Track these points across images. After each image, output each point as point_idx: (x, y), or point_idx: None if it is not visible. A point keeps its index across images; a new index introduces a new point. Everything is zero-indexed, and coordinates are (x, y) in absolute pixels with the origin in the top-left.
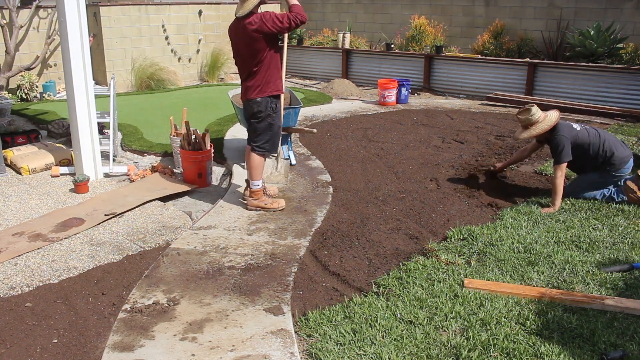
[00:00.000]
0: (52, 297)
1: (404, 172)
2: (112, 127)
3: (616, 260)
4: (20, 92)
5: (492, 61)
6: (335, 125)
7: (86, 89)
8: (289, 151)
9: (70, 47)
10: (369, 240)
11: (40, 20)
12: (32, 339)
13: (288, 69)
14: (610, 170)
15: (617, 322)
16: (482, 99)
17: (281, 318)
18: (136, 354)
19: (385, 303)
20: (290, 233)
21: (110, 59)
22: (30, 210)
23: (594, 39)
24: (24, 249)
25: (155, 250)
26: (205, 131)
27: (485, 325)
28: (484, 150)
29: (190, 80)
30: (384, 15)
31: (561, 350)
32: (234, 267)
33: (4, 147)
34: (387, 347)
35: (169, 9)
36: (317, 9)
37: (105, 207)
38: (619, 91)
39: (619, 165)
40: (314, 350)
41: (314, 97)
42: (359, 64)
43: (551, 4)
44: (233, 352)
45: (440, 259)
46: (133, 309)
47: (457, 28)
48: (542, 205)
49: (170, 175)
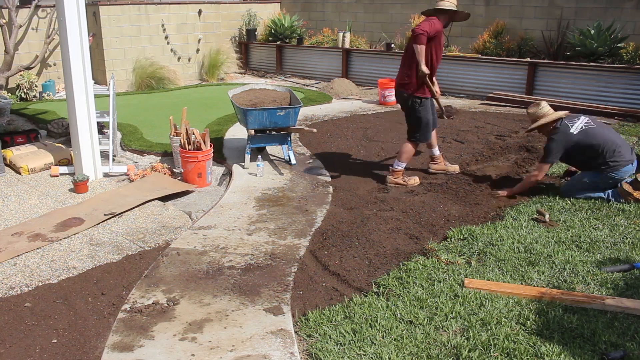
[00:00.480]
0: (51, 297)
1: (404, 172)
2: (111, 126)
3: (617, 260)
4: (19, 91)
5: (493, 61)
6: (335, 125)
7: (86, 89)
8: (289, 151)
9: (69, 47)
10: (369, 240)
11: (40, 20)
12: (31, 339)
13: (288, 69)
14: (609, 171)
15: (617, 322)
16: (482, 99)
17: (281, 318)
18: (136, 354)
19: (385, 303)
20: (290, 233)
21: (110, 59)
22: (30, 210)
23: (595, 39)
24: (24, 249)
25: (155, 250)
26: (205, 131)
27: (486, 325)
28: (484, 150)
29: (190, 80)
30: (384, 14)
31: (562, 350)
32: (233, 267)
33: (3, 146)
34: (387, 347)
35: (169, 8)
36: (317, 8)
37: (105, 207)
38: (620, 91)
39: (618, 167)
40: (314, 350)
41: (314, 96)
42: (359, 63)
43: (551, 3)
44: (233, 352)
45: (441, 259)
46: (133, 309)
47: (457, 28)
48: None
49: (170, 175)
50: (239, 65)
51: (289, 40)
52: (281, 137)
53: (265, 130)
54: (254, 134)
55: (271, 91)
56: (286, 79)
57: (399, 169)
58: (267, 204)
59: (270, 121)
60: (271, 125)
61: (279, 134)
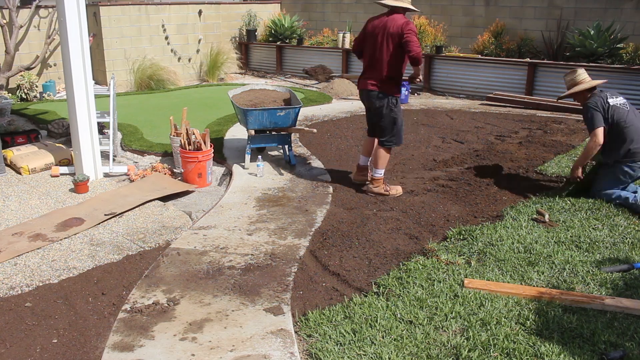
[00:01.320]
0: (52, 297)
1: (404, 172)
2: (112, 126)
3: (616, 260)
4: (20, 91)
5: (492, 61)
6: (335, 125)
7: (86, 89)
8: (289, 151)
9: (70, 47)
10: (369, 240)
11: (40, 20)
12: (32, 339)
13: (288, 69)
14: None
15: (617, 322)
16: (482, 99)
17: (281, 318)
18: (136, 354)
19: (385, 303)
20: (290, 233)
21: (110, 59)
22: (30, 210)
23: (594, 39)
24: (24, 249)
25: (155, 250)
26: (205, 131)
27: (486, 325)
28: (484, 150)
29: (190, 80)
30: None
31: (561, 350)
32: (234, 267)
33: (3, 146)
34: (387, 347)
35: (169, 8)
36: (317, 9)
37: (105, 207)
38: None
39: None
40: (314, 350)
41: (314, 97)
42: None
43: (551, 3)
44: (233, 352)
45: (440, 259)
46: (133, 309)
47: (457, 28)
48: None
49: (170, 175)
50: (239, 65)
51: (289, 40)
52: (281, 138)
53: (265, 130)
54: (254, 134)
55: (271, 91)
56: (286, 79)
57: (379, 176)
58: (267, 204)
59: (270, 121)
60: (271, 126)
61: (279, 134)
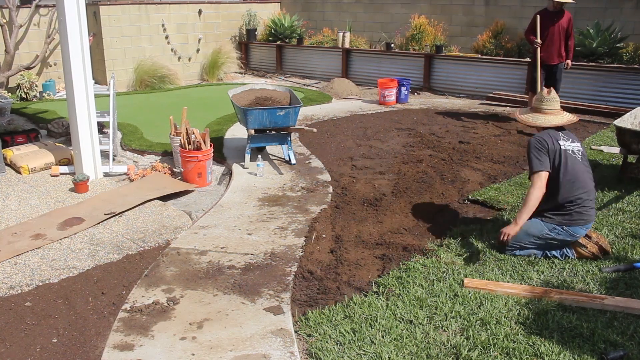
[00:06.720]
0: (51, 297)
1: (404, 172)
2: (111, 126)
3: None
4: (19, 91)
5: (492, 61)
6: (335, 124)
7: (86, 88)
8: (289, 151)
9: (70, 46)
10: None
11: (40, 20)
12: (31, 339)
13: (288, 69)
14: (568, 224)
15: (617, 321)
16: (482, 99)
17: (281, 317)
18: (136, 354)
19: (385, 303)
20: (290, 233)
21: (110, 58)
22: (30, 209)
23: (594, 39)
24: (24, 249)
25: (155, 250)
26: (205, 131)
27: (485, 324)
28: (484, 150)
29: (190, 80)
30: (384, 14)
31: (561, 349)
32: (233, 266)
33: (3, 146)
34: (387, 347)
35: (169, 8)
36: (317, 8)
37: (105, 206)
38: (619, 91)
39: (579, 222)
40: (314, 349)
41: (313, 96)
42: (359, 63)
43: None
44: (233, 351)
45: (440, 258)
46: (133, 309)
47: (457, 27)
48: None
49: (170, 174)
50: (239, 65)
51: (289, 40)
52: (281, 137)
53: (265, 130)
54: (254, 134)
55: (271, 91)
56: (286, 79)
57: None
58: (267, 203)
59: (270, 121)
60: (271, 125)
61: (279, 134)
